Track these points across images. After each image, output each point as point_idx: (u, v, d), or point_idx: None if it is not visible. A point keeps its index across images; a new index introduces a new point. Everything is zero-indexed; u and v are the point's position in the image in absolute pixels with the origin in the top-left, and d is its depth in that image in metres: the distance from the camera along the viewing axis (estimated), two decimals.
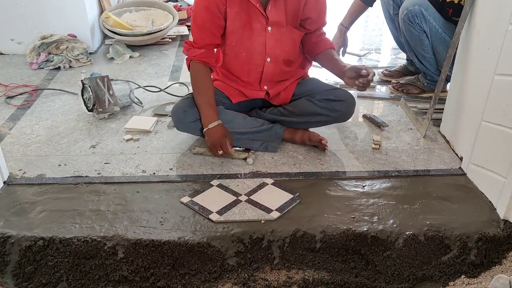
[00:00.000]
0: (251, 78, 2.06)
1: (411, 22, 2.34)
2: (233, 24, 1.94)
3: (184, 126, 2.00)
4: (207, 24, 1.92)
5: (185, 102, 2.00)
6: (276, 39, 1.98)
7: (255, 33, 1.96)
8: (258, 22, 1.94)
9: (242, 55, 2.00)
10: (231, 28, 1.95)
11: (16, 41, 3.14)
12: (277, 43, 1.99)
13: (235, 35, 1.97)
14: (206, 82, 1.98)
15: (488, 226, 1.62)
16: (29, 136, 2.17)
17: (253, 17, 1.93)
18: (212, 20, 1.92)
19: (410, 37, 2.42)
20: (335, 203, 1.73)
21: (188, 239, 1.55)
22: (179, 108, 1.98)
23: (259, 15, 1.92)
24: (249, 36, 1.96)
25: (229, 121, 1.99)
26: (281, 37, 1.99)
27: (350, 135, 2.20)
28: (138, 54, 3.20)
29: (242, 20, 1.93)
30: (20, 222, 1.61)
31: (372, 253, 1.58)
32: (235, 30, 1.95)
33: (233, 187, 1.80)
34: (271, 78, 2.07)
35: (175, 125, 2.03)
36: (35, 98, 2.55)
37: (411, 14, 2.32)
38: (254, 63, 2.02)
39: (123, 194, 1.77)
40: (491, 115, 1.71)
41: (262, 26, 1.95)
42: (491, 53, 1.70)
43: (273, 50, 2.00)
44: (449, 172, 1.92)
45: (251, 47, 1.98)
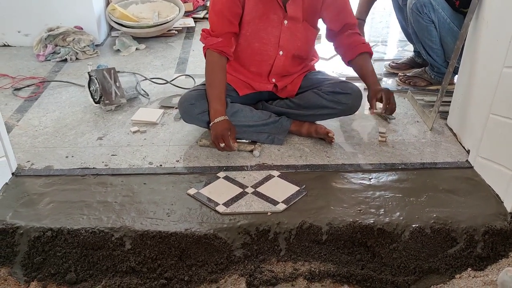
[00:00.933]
0: (261, 69, 2.06)
1: (420, 12, 2.33)
2: (250, 13, 1.93)
3: (190, 118, 2.00)
4: (225, 11, 1.91)
5: (192, 94, 2.00)
6: (291, 33, 1.98)
7: (271, 25, 1.96)
8: (275, 14, 1.94)
9: (255, 45, 2.00)
10: (248, 17, 1.94)
11: (23, 33, 3.15)
12: (291, 37, 1.99)
13: (251, 25, 1.96)
14: (220, 75, 1.96)
15: (495, 219, 1.62)
16: (36, 127, 2.18)
17: (271, 9, 1.93)
18: (230, 7, 1.91)
19: (418, 27, 2.40)
20: (342, 196, 1.73)
21: (195, 230, 1.56)
22: (186, 100, 1.98)
23: (278, 8, 1.92)
24: (265, 27, 1.96)
25: (236, 113, 1.99)
26: (296, 32, 1.99)
27: (357, 127, 2.20)
28: (144, 46, 3.20)
29: (259, 11, 1.93)
30: (29, 213, 1.62)
31: (378, 246, 1.58)
32: (251, 20, 1.95)
33: (239, 179, 1.80)
34: (280, 71, 2.07)
35: (182, 116, 2.03)
36: (42, 90, 2.57)
37: (420, 3, 2.31)
38: (266, 54, 2.02)
39: (130, 185, 1.78)
40: (499, 108, 1.70)
41: (279, 18, 1.95)
42: (499, 45, 1.69)
43: (286, 44, 2.00)
44: (456, 165, 1.91)
45: (265, 38, 1.98)
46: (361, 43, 2.06)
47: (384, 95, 1.96)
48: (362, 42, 2.07)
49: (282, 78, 2.10)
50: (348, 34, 2.06)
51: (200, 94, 1.98)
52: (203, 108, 1.95)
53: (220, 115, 1.89)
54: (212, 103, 1.93)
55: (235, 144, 1.88)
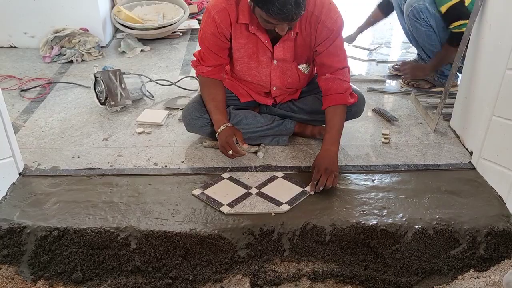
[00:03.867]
0: (259, 91, 2.07)
1: (417, 18, 2.35)
2: (238, 52, 1.91)
3: (194, 130, 2.03)
4: (213, 48, 1.89)
5: (195, 106, 2.00)
6: (281, 72, 1.96)
7: (261, 65, 1.94)
8: (264, 55, 1.91)
9: (248, 79, 2.01)
10: (236, 55, 1.93)
11: (29, 34, 3.18)
12: (282, 75, 1.97)
13: (240, 63, 1.96)
14: (215, 91, 1.96)
15: (498, 221, 1.63)
16: (43, 128, 2.21)
17: (260, 50, 1.90)
18: (218, 45, 1.88)
19: (417, 33, 2.42)
20: (345, 197, 1.74)
21: (200, 230, 1.57)
22: (189, 113, 1.99)
23: (266, 49, 1.89)
24: (256, 66, 1.95)
25: (240, 122, 2.00)
26: (286, 71, 1.96)
27: (360, 129, 2.21)
28: (149, 48, 3.22)
29: (248, 50, 1.90)
30: (36, 213, 1.64)
31: (381, 246, 1.59)
32: (240, 59, 1.94)
33: (243, 180, 1.82)
34: (278, 94, 2.07)
35: (186, 128, 2.04)
36: (49, 91, 2.59)
37: (416, 10, 2.33)
38: (261, 86, 2.03)
39: (136, 186, 1.79)
40: (502, 110, 1.71)
41: (268, 59, 1.92)
42: (502, 48, 1.69)
43: (277, 81, 1.99)
44: (459, 167, 1.92)
45: (257, 75, 1.98)
46: (338, 93, 1.88)
47: (322, 172, 1.74)
48: (339, 92, 1.88)
49: (283, 97, 2.10)
50: (329, 78, 1.88)
51: (202, 107, 1.99)
52: (206, 121, 1.97)
53: (222, 124, 1.89)
54: (212, 115, 1.93)
55: (245, 146, 1.87)
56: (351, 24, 3.07)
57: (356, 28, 3.07)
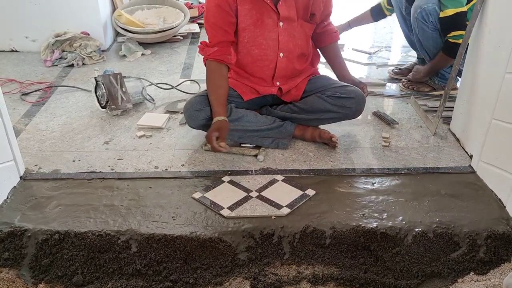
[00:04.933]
0: (264, 74, 2.08)
1: (425, 20, 2.34)
2: (244, 21, 1.96)
3: (195, 123, 2.02)
4: (219, 21, 1.94)
5: (197, 100, 2.02)
6: (289, 34, 2.00)
7: (267, 29, 1.98)
8: (269, 18, 1.96)
9: (254, 51, 2.02)
10: (242, 25, 1.97)
11: (30, 38, 3.19)
12: (290, 38, 2.01)
13: (247, 32, 1.99)
14: (219, 82, 1.99)
15: (498, 224, 1.63)
16: (44, 132, 2.21)
17: (265, 13, 1.95)
18: (223, 17, 1.94)
19: (423, 35, 2.42)
20: (345, 200, 1.74)
21: (200, 234, 1.58)
22: (192, 106, 2.01)
23: (271, 11, 1.94)
24: (261, 33, 1.98)
25: (241, 119, 2.02)
26: (293, 31, 2.01)
27: (360, 132, 2.21)
28: (150, 52, 3.24)
29: (253, 17, 1.95)
30: (36, 216, 1.65)
31: (381, 250, 1.60)
32: (246, 27, 1.97)
33: (244, 183, 1.82)
34: (284, 73, 2.09)
35: (187, 121, 2.06)
36: (50, 95, 2.60)
37: (425, 12, 2.32)
38: (267, 59, 2.04)
39: (136, 189, 1.80)
40: (501, 113, 1.72)
41: (274, 21, 1.97)
42: (502, 51, 1.70)
43: (286, 45, 2.02)
44: (458, 170, 1.93)
45: (263, 43, 2.00)
46: (333, 34, 2.18)
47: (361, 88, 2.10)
48: (334, 31, 2.19)
49: (287, 81, 2.12)
50: (324, 25, 2.15)
51: (205, 100, 2.01)
52: (208, 114, 1.98)
53: (217, 116, 1.92)
54: (212, 106, 1.96)
55: (222, 144, 1.86)
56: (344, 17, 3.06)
57: (346, 22, 2.98)
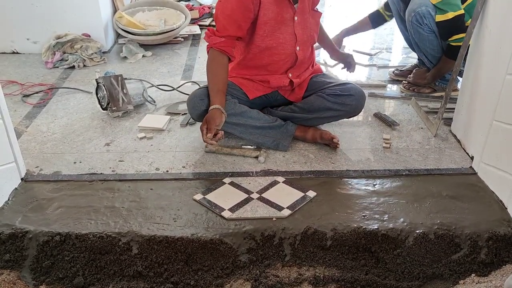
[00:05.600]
0: (279, 67, 2.10)
1: (420, 23, 2.36)
2: (267, 14, 1.97)
3: (198, 114, 2.01)
4: (236, 15, 1.92)
5: (202, 90, 2.03)
6: (303, 27, 2.04)
7: (285, 24, 2.01)
8: (287, 12, 1.99)
9: (272, 45, 2.03)
10: (265, 18, 1.97)
11: (31, 40, 3.20)
12: (303, 31, 2.05)
13: (268, 26, 1.99)
14: (218, 69, 1.99)
15: (499, 225, 1.63)
16: (45, 134, 2.21)
17: (284, 8, 1.98)
18: (242, 12, 1.92)
19: (419, 38, 2.43)
20: (346, 201, 1.74)
21: (201, 235, 1.58)
22: (196, 96, 2.01)
23: (288, 5, 1.98)
24: (279, 27, 2.01)
25: (244, 113, 2.02)
26: (306, 23, 2.05)
27: (361, 134, 2.21)
28: (151, 53, 3.24)
29: (274, 11, 1.97)
30: (38, 218, 1.65)
31: (383, 251, 1.60)
32: (268, 21, 1.98)
33: (245, 185, 1.82)
34: (300, 64, 2.12)
35: (190, 112, 2.05)
36: (51, 96, 2.60)
37: (419, 15, 2.34)
38: (283, 53, 2.05)
39: (137, 191, 1.80)
40: (502, 115, 1.72)
41: (290, 16, 2.00)
42: (502, 53, 1.70)
43: (301, 38, 2.05)
44: (459, 171, 1.92)
45: (280, 37, 2.02)
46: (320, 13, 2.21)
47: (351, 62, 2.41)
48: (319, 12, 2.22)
49: (299, 76, 2.14)
50: None
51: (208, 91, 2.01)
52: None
53: (212, 105, 1.92)
54: (210, 94, 1.97)
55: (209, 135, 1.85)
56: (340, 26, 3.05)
57: (342, 30, 2.94)
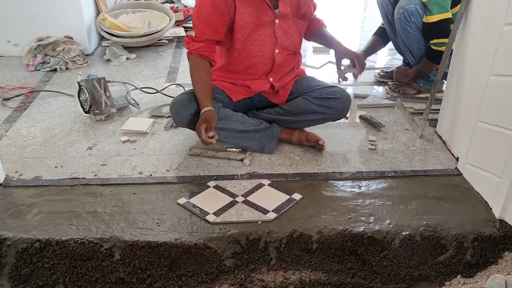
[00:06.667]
0: (258, 70, 2.08)
1: (407, 21, 2.36)
2: (243, 18, 1.95)
3: (181, 120, 1.99)
4: (212, 19, 1.92)
5: (184, 96, 2.01)
6: (284, 31, 2.02)
7: (264, 26, 1.99)
8: (266, 15, 1.97)
9: (250, 48, 2.01)
10: (241, 22, 1.96)
11: (12, 43, 3.14)
12: (285, 35, 2.03)
13: (245, 30, 1.98)
14: (202, 74, 1.97)
15: (484, 226, 1.63)
16: (25, 138, 2.17)
17: (262, 11, 1.96)
18: (218, 16, 1.91)
19: (406, 36, 2.43)
20: (332, 204, 1.73)
21: (185, 240, 1.55)
22: (178, 101, 1.99)
23: (267, 8, 1.96)
24: (258, 30, 1.99)
25: (228, 117, 2.00)
26: (288, 29, 2.03)
27: (347, 135, 2.21)
28: (135, 56, 3.20)
29: (252, 14, 1.95)
30: (17, 224, 1.61)
31: (369, 254, 1.58)
32: (245, 25, 1.97)
33: (229, 188, 1.80)
34: (279, 69, 2.10)
35: (173, 118, 2.03)
36: (32, 100, 2.55)
37: (407, 13, 2.34)
38: (262, 55, 2.04)
39: (120, 195, 1.77)
40: (486, 116, 1.72)
41: (270, 19, 1.98)
42: (486, 53, 1.71)
43: (282, 41, 2.03)
44: (445, 172, 1.92)
45: (259, 40, 2.01)
46: (320, 20, 2.24)
47: (356, 59, 2.10)
48: (320, 20, 2.25)
49: (280, 79, 2.12)
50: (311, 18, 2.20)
51: (191, 97, 1.99)
52: (194, 109, 1.96)
53: (204, 107, 1.90)
54: (198, 98, 1.94)
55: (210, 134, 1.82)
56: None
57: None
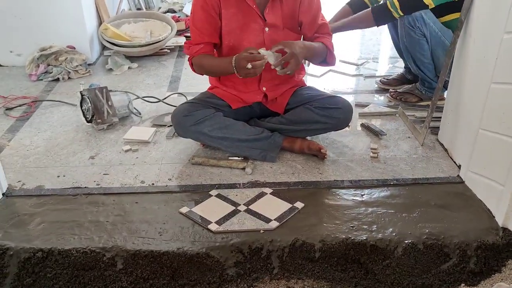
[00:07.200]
0: (249, 79, 2.07)
1: (412, 26, 2.37)
2: (229, 24, 1.96)
3: (183, 130, 2.00)
4: (204, 24, 1.94)
5: (185, 106, 2.02)
6: (273, 40, 1.98)
7: (253, 34, 1.97)
8: (255, 23, 1.96)
9: None
10: (227, 28, 1.97)
11: (15, 53, 3.16)
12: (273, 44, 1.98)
13: (232, 36, 1.98)
14: (210, 58, 2.00)
15: (487, 234, 1.62)
16: (28, 147, 2.17)
17: (251, 18, 1.95)
18: (209, 21, 1.94)
19: (409, 41, 2.43)
20: (334, 212, 1.73)
21: (187, 249, 1.55)
22: (179, 111, 2.00)
23: (256, 16, 1.94)
24: (247, 37, 1.98)
25: (229, 126, 2.00)
26: (278, 38, 1.98)
27: (349, 144, 2.21)
28: (137, 65, 3.22)
29: (239, 21, 1.95)
30: (19, 234, 1.61)
31: (372, 262, 1.58)
32: (231, 31, 1.97)
33: (232, 197, 1.80)
34: (270, 77, 2.07)
35: (175, 129, 2.04)
36: (34, 109, 2.56)
37: (412, 18, 2.35)
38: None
39: (122, 205, 1.77)
40: (488, 123, 1.72)
41: (260, 26, 1.97)
42: (487, 61, 1.71)
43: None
44: (447, 180, 1.92)
45: (245, 47, 1.98)
46: (325, 38, 2.06)
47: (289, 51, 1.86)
48: (326, 38, 2.06)
49: (274, 88, 2.10)
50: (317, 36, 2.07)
51: (193, 105, 2.00)
52: (196, 119, 1.96)
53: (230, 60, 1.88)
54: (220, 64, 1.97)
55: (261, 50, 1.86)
56: None
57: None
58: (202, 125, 1.97)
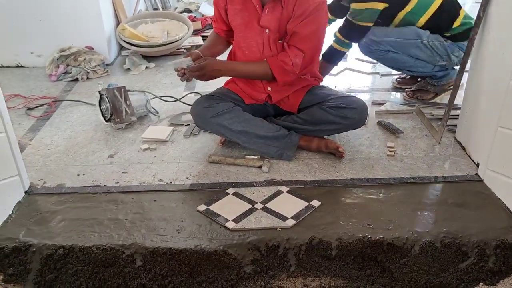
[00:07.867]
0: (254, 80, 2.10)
1: (371, 51, 2.44)
2: (235, 20, 2.00)
3: (203, 122, 2.03)
4: (216, 12, 2.10)
5: (205, 98, 2.05)
6: (272, 43, 1.98)
7: (256, 33, 1.99)
8: (258, 22, 1.97)
9: (245, 52, 2.04)
10: (233, 23, 2.03)
11: (35, 54, 3.22)
12: (273, 47, 1.99)
13: (238, 32, 2.03)
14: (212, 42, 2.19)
15: (507, 233, 1.61)
16: (48, 146, 2.22)
17: (254, 17, 1.96)
18: (217, 10, 2.07)
19: (382, 60, 2.53)
20: (351, 211, 1.73)
21: (205, 247, 1.57)
22: (200, 103, 2.03)
23: (259, 16, 1.95)
24: (251, 35, 2.00)
25: (248, 121, 2.02)
26: (276, 42, 1.98)
27: (365, 142, 2.20)
28: (154, 65, 3.25)
29: (244, 18, 1.98)
30: (41, 231, 1.64)
31: (389, 261, 1.58)
32: (237, 27, 2.02)
33: (248, 195, 1.81)
34: None
35: (195, 120, 2.08)
36: (54, 109, 2.61)
37: (365, 45, 2.43)
38: (255, 58, 2.03)
39: (141, 203, 1.79)
40: (507, 121, 1.70)
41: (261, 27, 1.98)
42: (506, 58, 1.69)
43: (269, 52, 2.00)
44: (465, 179, 1.91)
45: (253, 45, 2.01)
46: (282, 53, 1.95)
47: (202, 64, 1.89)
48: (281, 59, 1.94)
49: (279, 90, 2.10)
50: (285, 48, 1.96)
51: (213, 98, 2.03)
52: (216, 111, 1.99)
53: None
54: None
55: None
56: None
57: None
58: (222, 118, 1.99)
